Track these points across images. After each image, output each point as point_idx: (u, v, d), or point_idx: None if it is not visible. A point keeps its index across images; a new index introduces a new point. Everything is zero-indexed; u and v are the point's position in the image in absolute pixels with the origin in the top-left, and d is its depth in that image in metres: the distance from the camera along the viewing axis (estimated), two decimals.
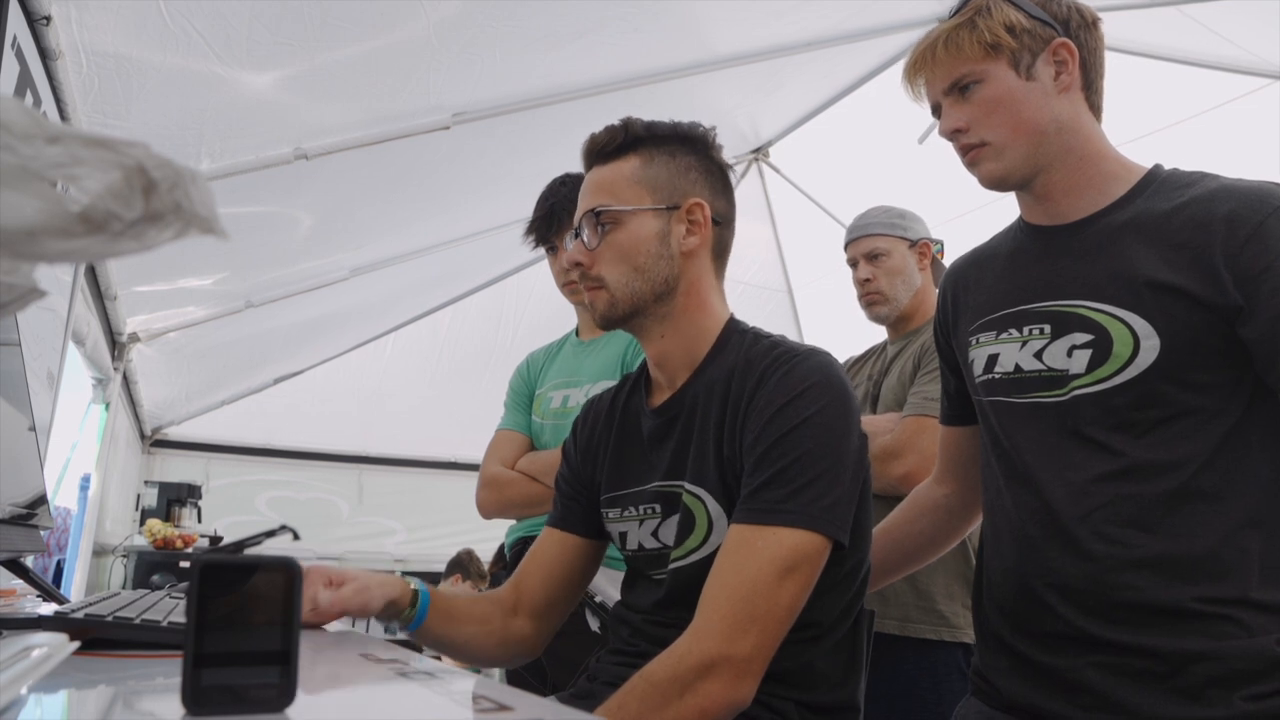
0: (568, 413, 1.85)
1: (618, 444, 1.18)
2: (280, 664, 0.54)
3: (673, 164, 1.10)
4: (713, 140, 1.15)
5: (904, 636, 1.74)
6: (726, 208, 1.13)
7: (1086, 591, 1.02)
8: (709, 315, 1.12)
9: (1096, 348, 1.04)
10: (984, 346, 1.18)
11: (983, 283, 1.23)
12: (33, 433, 1.34)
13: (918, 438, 1.73)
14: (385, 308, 4.96)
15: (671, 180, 1.10)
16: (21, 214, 0.36)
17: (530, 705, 0.58)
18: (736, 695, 0.90)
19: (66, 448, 3.69)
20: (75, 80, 2.03)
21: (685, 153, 1.12)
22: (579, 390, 1.86)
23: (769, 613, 0.91)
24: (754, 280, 5.72)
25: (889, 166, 4.78)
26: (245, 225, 3.17)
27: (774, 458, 0.96)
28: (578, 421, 1.27)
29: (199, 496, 5.27)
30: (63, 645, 0.71)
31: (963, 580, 1.77)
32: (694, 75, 3.46)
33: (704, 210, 1.09)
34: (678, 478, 1.07)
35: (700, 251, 1.10)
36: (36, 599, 1.36)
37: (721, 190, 1.13)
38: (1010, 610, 1.10)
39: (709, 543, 1.03)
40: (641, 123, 1.12)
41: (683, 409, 1.09)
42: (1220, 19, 3.20)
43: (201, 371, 4.84)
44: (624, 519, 1.14)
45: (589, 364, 1.88)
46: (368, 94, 2.74)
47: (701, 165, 1.12)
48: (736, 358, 1.07)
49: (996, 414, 1.15)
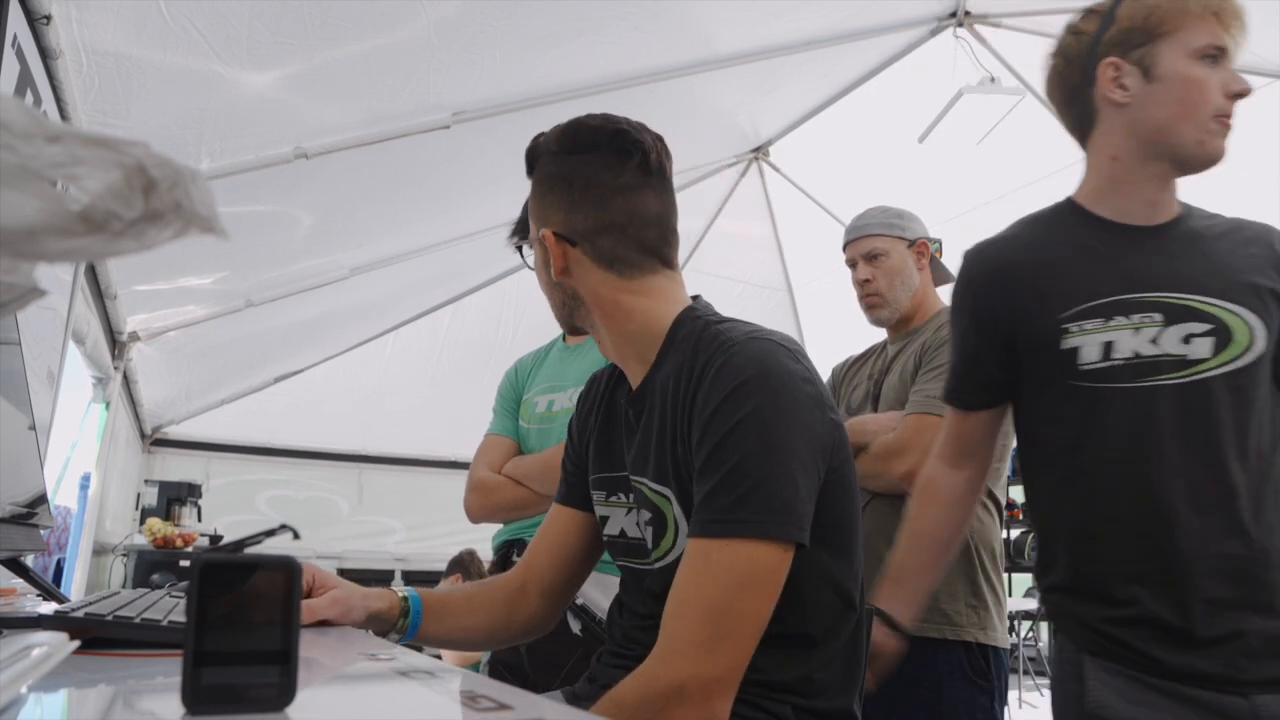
0: (553, 417, 1.88)
1: (604, 425, 1.18)
2: (280, 663, 0.54)
3: (536, 193, 1.11)
4: (583, 140, 1.08)
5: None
6: (589, 218, 1.05)
7: (1247, 561, 1.14)
8: (629, 319, 1.07)
9: (1218, 335, 1.17)
10: (1092, 334, 1.21)
11: (1058, 270, 1.26)
12: (33, 432, 1.35)
13: (920, 436, 1.72)
14: (385, 307, 4.96)
15: (536, 212, 1.10)
16: (22, 213, 0.36)
17: (530, 704, 0.58)
18: (710, 717, 0.89)
19: (67, 447, 3.69)
20: (75, 79, 2.03)
21: (549, 173, 1.09)
22: (564, 395, 1.88)
23: (735, 628, 0.89)
24: (754, 279, 5.72)
25: (889, 165, 4.78)
26: (245, 224, 3.17)
27: (716, 463, 0.92)
28: (581, 396, 1.27)
29: (199, 495, 5.27)
30: (63, 644, 0.71)
31: (965, 579, 1.76)
32: (694, 74, 3.46)
33: (549, 238, 1.07)
34: (641, 473, 1.06)
35: (575, 270, 1.07)
36: (36, 598, 1.36)
37: (582, 200, 1.06)
38: (1159, 582, 1.16)
39: (676, 546, 1.01)
40: (536, 145, 1.11)
41: (645, 405, 1.08)
42: None
43: (201, 370, 4.84)
44: (609, 504, 1.14)
45: (573, 368, 1.90)
46: (368, 93, 2.74)
47: (560, 183, 1.07)
48: (687, 350, 1.02)
49: (1112, 399, 1.20)
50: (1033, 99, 3.95)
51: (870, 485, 1.80)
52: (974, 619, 1.76)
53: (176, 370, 4.65)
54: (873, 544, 1.74)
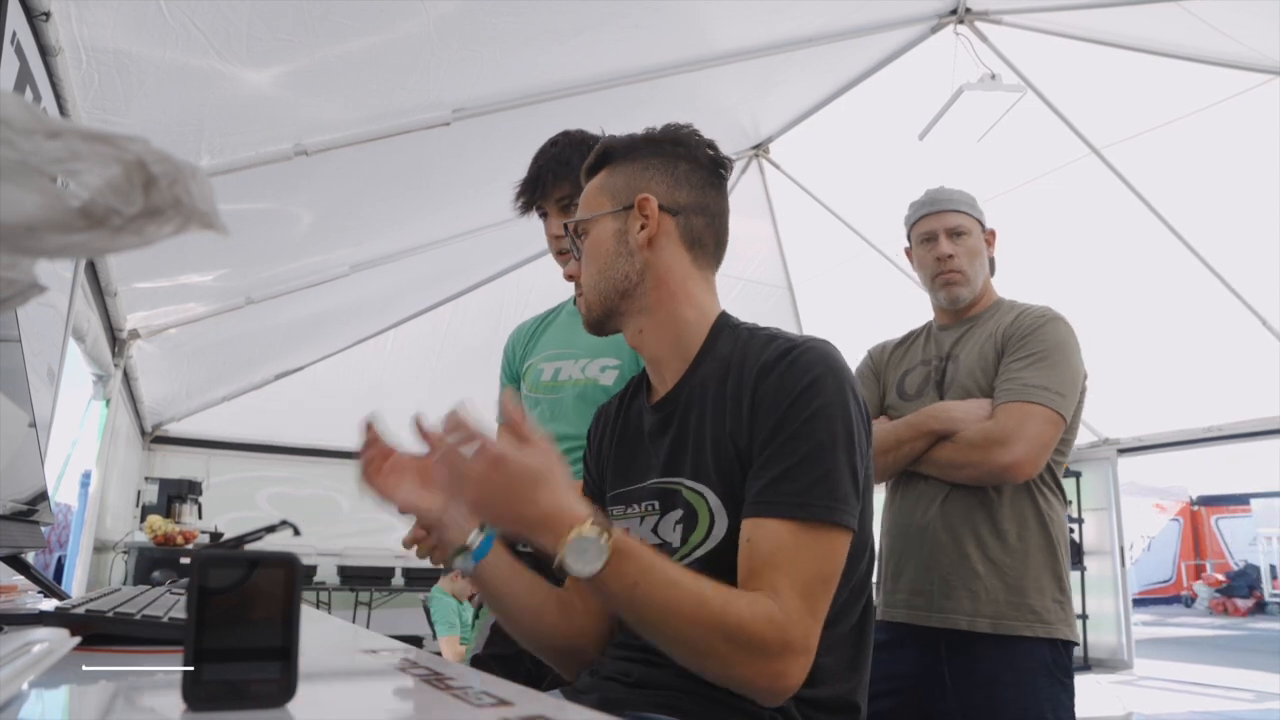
0: (560, 386, 1.70)
1: (620, 443, 1.19)
2: (281, 659, 0.54)
3: (631, 168, 1.15)
4: (684, 136, 1.17)
5: (984, 633, 1.67)
6: (690, 195, 1.14)
7: None
8: (689, 305, 1.13)
9: None
10: None
11: None
12: (33, 429, 1.34)
13: (1024, 424, 1.65)
14: (386, 304, 4.96)
15: (628, 183, 1.14)
16: (21, 209, 0.36)
17: (530, 701, 0.58)
18: (792, 688, 0.90)
19: (67, 444, 3.69)
20: (75, 76, 2.02)
21: (647, 154, 1.15)
22: (573, 363, 1.71)
23: (819, 608, 0.93)
24: (754, 276, 5.72)
25: (889, 163, 4.77)
26: (246, 221, 3.17)
27: (788, 450, 0.97)
28: (590, 430, 1.28)
29: (199, 493, 5.27)
30: (64, 641, 0.71)
31: (1051, 574, 1.70)
32: (695, 71, 3.45)
33: (651, 203, 1.12)
34: (676, 474, 1.07)
35: (662, 241, 1.12)
36: (37, 595, 1.37)
37: (685, 180, 1.14)
38: None
39: (711, 536, 1.03)
40: (618, 139, 1.18)
41: (679, 405, 1.10)
42: (1221, 15, 3.20)
43: (202, 368, 4.84)
44: (626, 515, 1.14)
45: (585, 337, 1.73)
46: (368, 90, 2.74)
47: (662, 162, 1.15)
48: (732, 351, 1.07)
49: None
50: (1033, 96, 3.96)
51: (955, 476, 1.72)
52: (1061, 615, 1.69)
53: (177, 367, 4.65)
54: (957, 538, 1.70)
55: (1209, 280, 4.57)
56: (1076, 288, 5.12)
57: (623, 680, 1.03)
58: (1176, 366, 5.40)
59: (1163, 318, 5.06)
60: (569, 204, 1.64)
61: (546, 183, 1.66)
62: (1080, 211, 4.59)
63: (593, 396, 1.62)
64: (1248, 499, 16.49)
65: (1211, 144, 3.95)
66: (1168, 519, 18.44)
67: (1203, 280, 4.58)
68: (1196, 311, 4.87)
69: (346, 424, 0.91)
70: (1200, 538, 18.37)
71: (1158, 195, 4.25)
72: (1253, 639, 11.33)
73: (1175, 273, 4.63)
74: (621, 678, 1.03)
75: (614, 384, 1.63)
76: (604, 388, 1.64)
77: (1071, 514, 7.23)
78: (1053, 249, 4.85)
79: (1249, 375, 5.13)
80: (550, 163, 1.66)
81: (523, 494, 0.84)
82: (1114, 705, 5.73)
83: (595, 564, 0.83)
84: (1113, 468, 7.05)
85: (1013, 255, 4.97)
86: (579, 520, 0.84)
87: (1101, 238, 4.73)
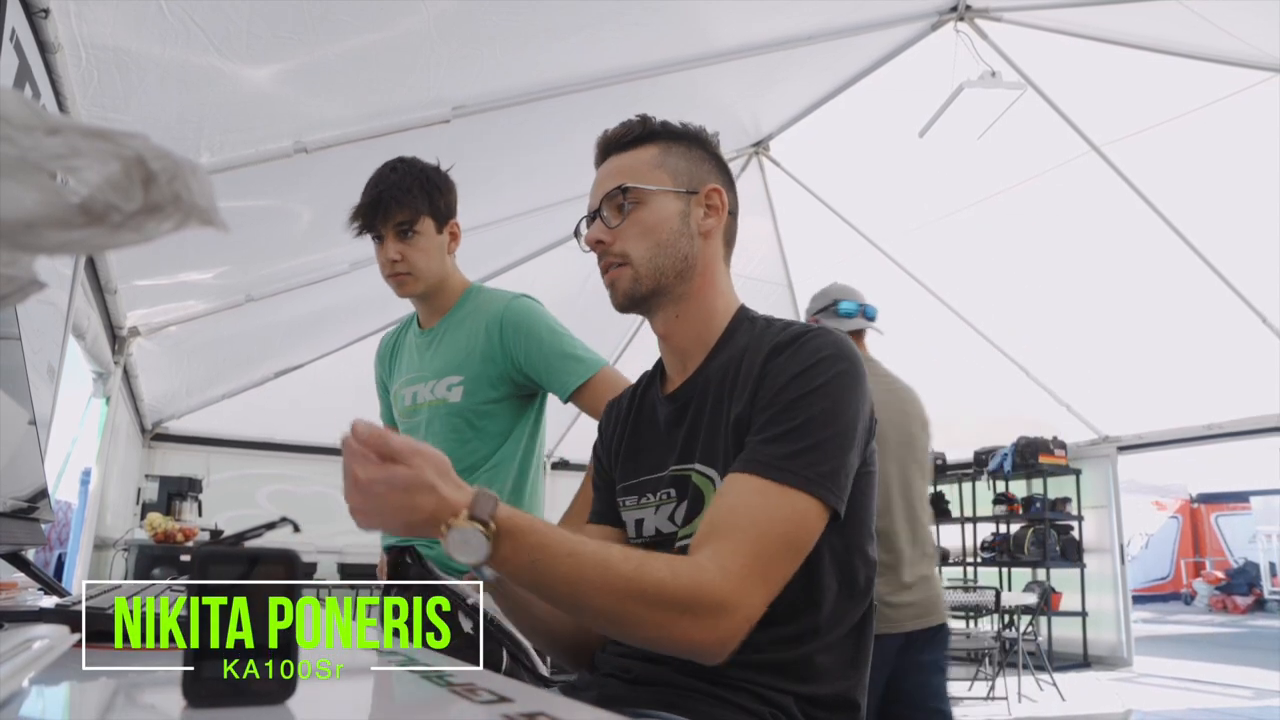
0: (418, 409, 1.79)
1: (633, 435, 1.20)
2: (281, 657, 0.54)
3: (689, 154, 1.17)
4: (717, 142, 1.22)
5: None
6: (735, 201, 1.20)
7: None
8: (721, 297, 1.16)
9: None
10: None
11: None
12: (33, 427, 1.34)
13: None
14: (386, 301, 4.94)
15: (690, 168, 1.16)
16: (21, 205, 0.36)
17: (529, 697, 0.58)
18: (726, 644, 0.88)
19: (67, 442, 3.69)
20: (74, 73, 2.02)
21: (698, 148, 1.18)
22: (424, 386, 1.79)
23: (774, 573, 0.91)
24: (754, 274, 5.72)
25: (889, 160, 4.77)
26: (245, 219, 3.17)
27: (784, 417, 0.97)
28: (600, 423, 1.30)
29: (199, 490, 5.28)
30: (64, 638, 0.71)
31: None
32: (695, 69, 3.45)
33: (721, 196, 1.15)
34: (689, 460, 1.08)
35: (715, 235, 1.16)
36: (38, 592, 1.36)
37: (730, 185, 1.19)
38: None
39: None
40: (657, 119, 1.20)
41: (695, 392, 1.11)
42: (1222, 12, 3.19)
43: (202, 365, 4.84)
44: (640, 506, 1.14)
45: (431, 358, 1.81)
46: (367, 88, 2.74)
47: (713, 160, 1.19)
48: (749, 340, 1.09)
49: None
50: (1033, 93, 3.96)
51: None
52: None
53: (177, 365, 4.65)
54: None
55: (1209, 278, 4.57)
56: (1076, 285, 5.13)
57: (622, 677, 1.03)
58: (1176, 364, 5.40)
59: (1163, 315, 5.06)
60: (408, 229, 1.74)
61: (389, 208, 1.73)
62: (1080, 209, 4.58)
63: (444, 414, 1.74)
64: (1247, 496, 16.50)
65: (1212, 141, 3.94)
66: (1167, 516, 18.44)
67: (1203, 278, 4.58)
68: (1196, 309, 4.87)
69: (346, 422, 0.91)
70: (1200, 535, 18.37)
71: (1158, 193, 4.25)
72: (1252, 636, 11.35)
73: (1175, 271, 4.63)
74: (621, 674, 1.03)
75: (461, 399, 1.74)
76: (453, 405, 1.74)
77: (1071, 511, 7.25)
78: (1053, 247, 4.84)
79: (1249, 373, 5.13)
80: (391, 189, 1.73)
81: (404, 504, 0.83)
82: (1113, 702, 5.74)
83: (481, 551, 0.81)
84: (1112, 465, 7.06)
85: (1013, 253, 4.99)
86: (455, 513, 0.82)
87: (1101, 235, 4.73)
